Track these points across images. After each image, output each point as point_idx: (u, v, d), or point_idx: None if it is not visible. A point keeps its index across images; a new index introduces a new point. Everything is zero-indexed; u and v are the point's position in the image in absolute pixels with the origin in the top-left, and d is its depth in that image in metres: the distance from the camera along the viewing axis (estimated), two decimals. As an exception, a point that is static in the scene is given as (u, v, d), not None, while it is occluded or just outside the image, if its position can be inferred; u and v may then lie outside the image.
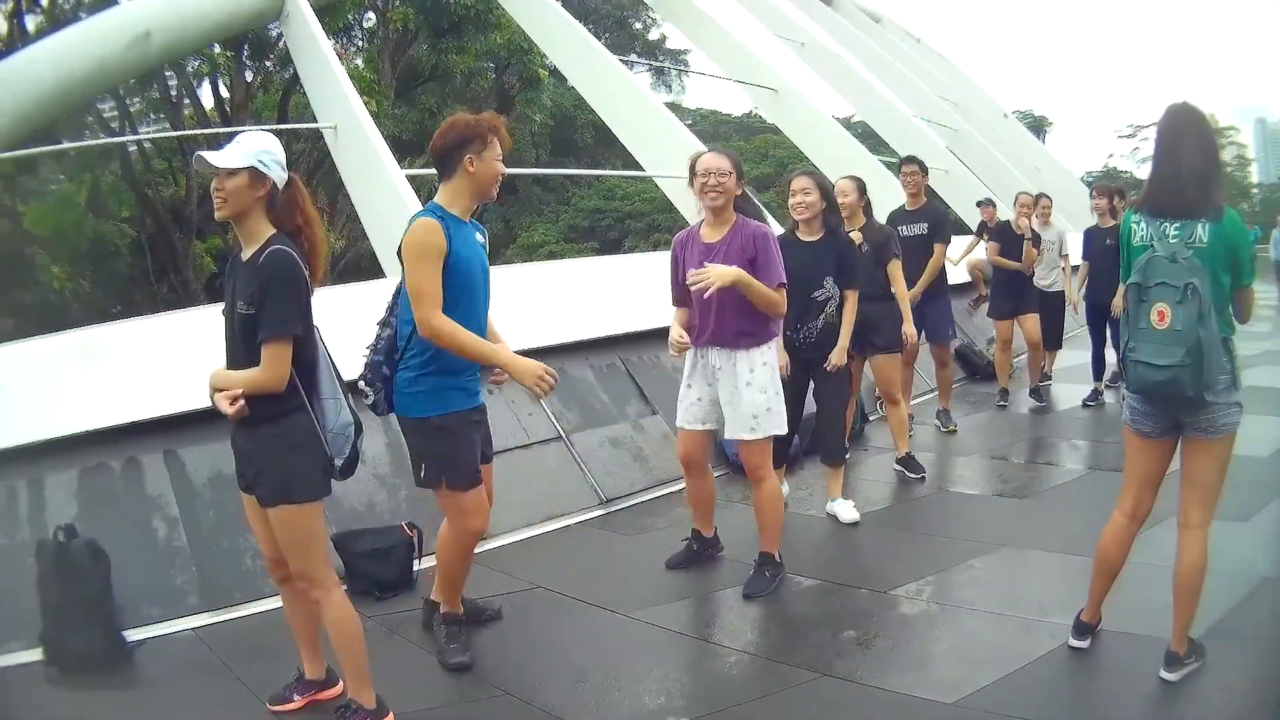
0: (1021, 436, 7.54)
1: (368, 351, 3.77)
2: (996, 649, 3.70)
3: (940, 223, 7.41)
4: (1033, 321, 8.48)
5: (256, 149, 3.12)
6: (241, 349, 3.10)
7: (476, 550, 4.47)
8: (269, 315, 3.03)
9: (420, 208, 7.68)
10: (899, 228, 7.07)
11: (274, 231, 3.12)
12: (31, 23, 17.13)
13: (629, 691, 3.57)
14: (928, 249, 7.24)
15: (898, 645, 3.83)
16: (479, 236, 3.81)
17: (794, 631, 4.07)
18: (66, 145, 15.48)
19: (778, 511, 4.64)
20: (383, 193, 8.28)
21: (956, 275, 9.41)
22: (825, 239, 5.23)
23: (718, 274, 4.14)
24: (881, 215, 6.97)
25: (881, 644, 3.83)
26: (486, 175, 3.70)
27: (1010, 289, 8.48)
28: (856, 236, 6.16)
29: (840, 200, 5.60)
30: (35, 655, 4.05)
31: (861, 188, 6.09)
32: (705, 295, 4.23)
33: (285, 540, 3.19)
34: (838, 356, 5.22)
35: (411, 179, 8.43)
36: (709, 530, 4.93)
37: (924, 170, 7.48)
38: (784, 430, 4.59)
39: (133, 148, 18.79)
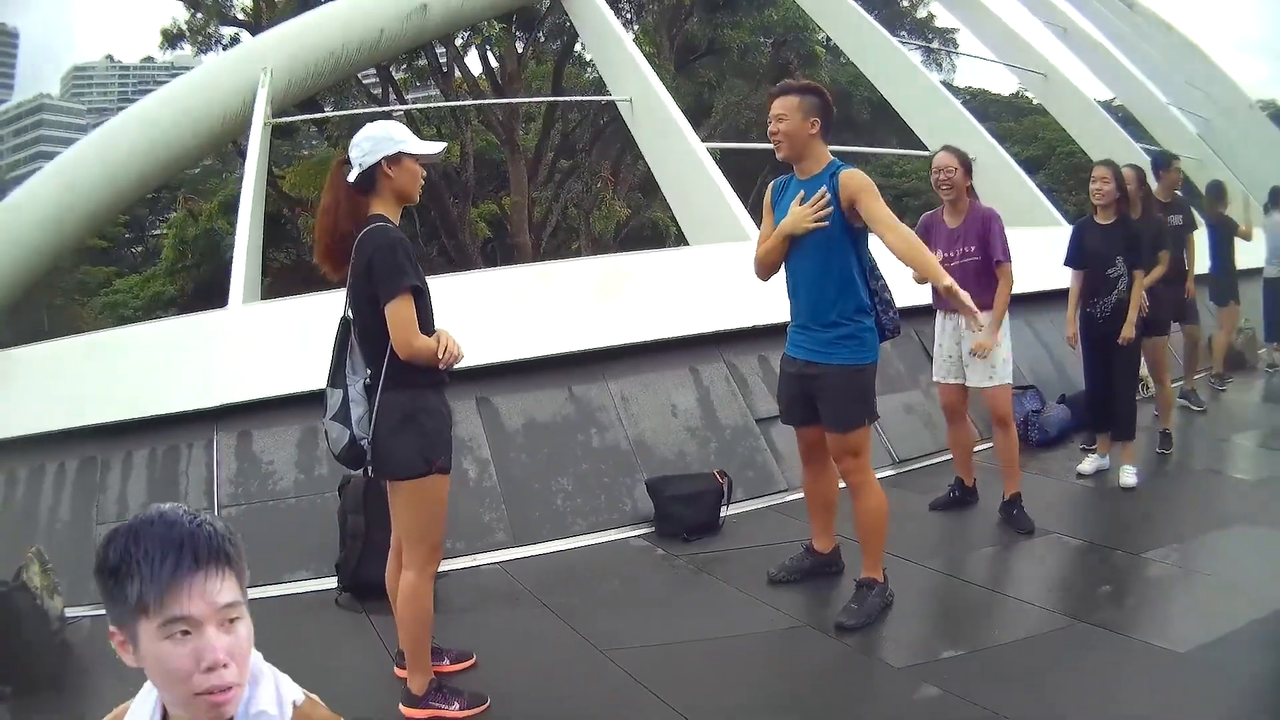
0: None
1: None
2: (1223, 612, 3.88)
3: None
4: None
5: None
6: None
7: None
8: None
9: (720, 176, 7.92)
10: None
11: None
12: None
13: (901, 628, 3.96)
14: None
15: (1142, 600, 4.25)
16: None
17: (1056, 583, 4.50)
18: (346, 112, 16.09)
19: (1012, 450, 5.17)
20: (683, 162, 8.46)
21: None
22: (1117, 223, 5.67)
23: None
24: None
25: (1129, 598, 4.25)
26: None
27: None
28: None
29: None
30: (326, 583, 4.57)
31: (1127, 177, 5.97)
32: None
33: None
34: (1127, 329, 5.57)
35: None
36: (969, 479, 5.44)
37: None
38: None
39: (400, 115, 19.49)
